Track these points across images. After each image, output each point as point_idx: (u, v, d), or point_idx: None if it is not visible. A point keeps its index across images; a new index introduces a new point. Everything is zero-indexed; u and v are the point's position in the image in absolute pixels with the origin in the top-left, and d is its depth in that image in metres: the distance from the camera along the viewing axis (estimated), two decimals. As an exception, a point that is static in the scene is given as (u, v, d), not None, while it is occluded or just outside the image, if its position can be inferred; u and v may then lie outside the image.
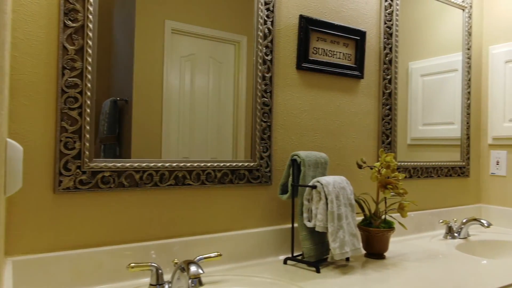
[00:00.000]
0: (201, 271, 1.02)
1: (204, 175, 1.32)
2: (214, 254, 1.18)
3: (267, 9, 1.45)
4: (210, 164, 1.33)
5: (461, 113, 2.13)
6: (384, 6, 1.81)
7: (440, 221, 1.92)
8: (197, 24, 1.32)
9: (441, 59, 2.06)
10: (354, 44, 1.71)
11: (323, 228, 1.31)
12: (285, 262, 1.40)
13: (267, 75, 1.46)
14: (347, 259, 1.45)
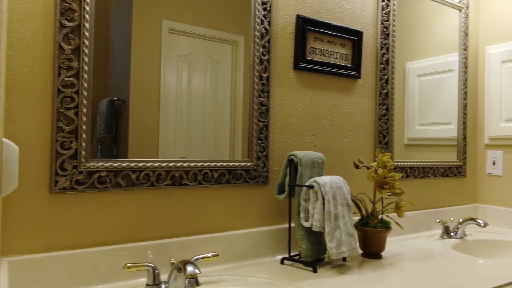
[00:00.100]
0: (198, 271, 1.02)
1: (201, 175, 1.32)
2: (211, 254, 1.18)
3: (264, 9, 1.45)
4: (207, 164, 1.33)
5: (458, 113, 2.14)
6: (381, 6, 1.81)
7: (437, 221, 1.92)
8: (194, 24, 1.32)
9: (438, 59, 2.07)
10: (351, 44, 1.71)
11: (320, 228, 1.31)
12: (282, 262, 1.40)
13: (264, 75, 1.46)
14: (344, 259, 1.46)
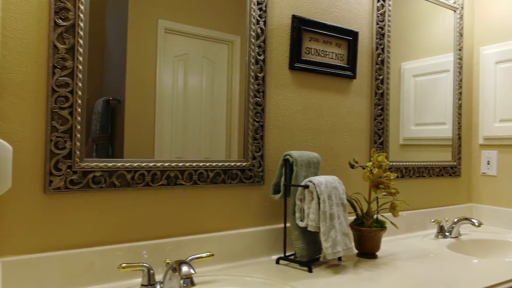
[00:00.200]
0: (193, 271, 1.01)
1: (196, 175, 1.32)
2: (206, 254, 1.18)
3: (260, 9, 1.45)
4: (203, 164, 1.33)
5: (453, 113, 2.15)
6: (377, 7, 1.82)
7: (432, 221, 1.93)
8: (191, 24, 1.32)
9: (433, 60, 2.08)
10: (347, 45, 1.71)
11: (315, 228, 1.31)
12: (278, 262, 1.40)
13: (260, 75, 1.46)
14: (339, 259, 1.46)
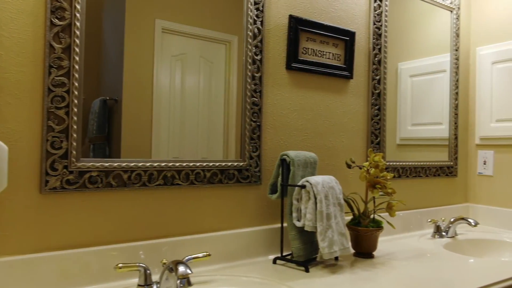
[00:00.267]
0: (190, 271, 1.01)
1: (193, 175, 1.32)
2: (202, 254, 1.18)
3: (257, 9, 1.45)
4: (199, 164, 1.32)
5: (449, 114, 2.16)
6: (373, 7, 1.82)
7: (428, 220, 1.94)
8: (188, 24, 1.32)
9: (430, 60, 2.08)
10: (344, 45, 1.71)
11: (312, 228, 1.32)
12: (275, 262, 1.40)
13: (257, 75, 1.46)
14: (336, 259, 1.46)
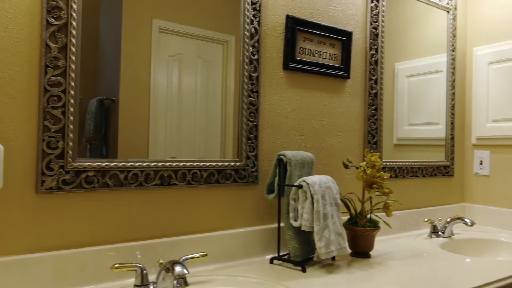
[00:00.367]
0: (186, 271, 1.01)
1: (190, 175, 1.31)
2: (199, 254, 1.18)
3: (254, 9, 1.45)
4: (196, 164, 1.32)
5: (446, 114, 2.17)
6: (370, 7, 1.82)
7: (425, 220, 1.94)
8: (185, 24, 1.32)
9: (427, 60, 2.09)
10: (341, 45, 1.72)
11: (309, 228, 1.32)
12: (272, 262, 1.40)
13: (254, 75, 1.46)
14: (333, 258, 1.46)
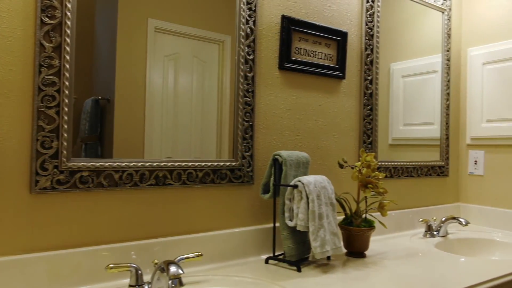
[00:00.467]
0: (181, 272, 1.01)
1: (185, 175, 1.31)
2: (194, 255, 1.17)
3: (249, 9, 1.45)
4: (192, 164, 1.32)
5: (441, 114, 2.18)
6: (366, 8, 1.83)
7: (420, 220, 1.95)
8: (181, 23, 1.31)
9: (422, 61, 2.10)
10: (336, 45, 1.72)
11: (304, 227, 1.32)
12: (267, 262, 1.40)
13: (249, 75, 1.46)
14: (328, 258, 1.46)
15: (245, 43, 1.44)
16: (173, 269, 1.00)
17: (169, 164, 1.27)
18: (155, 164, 1.25)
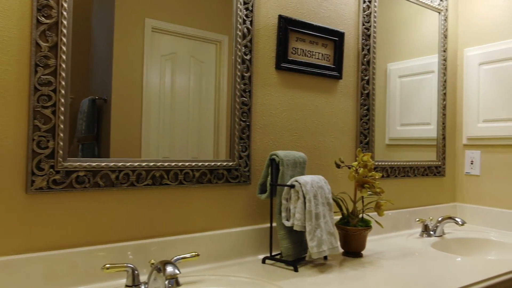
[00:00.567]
0: (178, 272, 1.01)
1: (182, 175, 1.31)
2: (190, 255, 1.17)
3: (246, 9, 1.45)
4: (188, 164, 1.32)
5: (437, 114, 2.18)
6: (363, 8, 1.83)
7: (416, 220, 1.96)
8: (178, 23, 1.31)
9: (418, 61, 2.10)
10: (333, 45, 1.72)
11: (301, 227, 1.32)
12: (264, 262, 1.40)
13: (246, 75, 1.46)
14: (325, 258, 1.47)
15: (242, 43, 1.44)
16: (170, 269, 1.00)
17: (166, 164, 1.27)
18: (152, 164, 1.24)
